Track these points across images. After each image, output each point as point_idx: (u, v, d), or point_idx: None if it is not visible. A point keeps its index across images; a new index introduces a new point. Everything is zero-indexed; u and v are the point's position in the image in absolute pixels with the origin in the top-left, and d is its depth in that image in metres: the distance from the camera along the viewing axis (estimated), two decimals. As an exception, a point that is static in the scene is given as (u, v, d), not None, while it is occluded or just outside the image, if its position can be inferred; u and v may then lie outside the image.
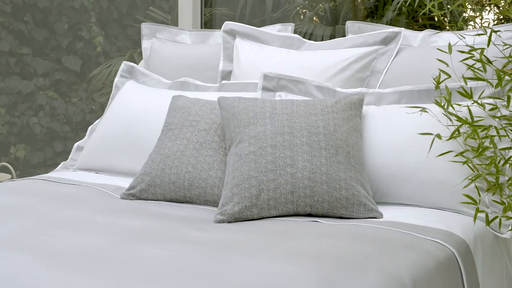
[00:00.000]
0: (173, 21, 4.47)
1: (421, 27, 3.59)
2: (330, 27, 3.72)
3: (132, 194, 2.27)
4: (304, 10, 4.06)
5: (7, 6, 5.09)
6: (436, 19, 3.50)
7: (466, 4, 1.92)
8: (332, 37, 3.63)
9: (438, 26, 3.55)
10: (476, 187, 2.02)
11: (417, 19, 3.57)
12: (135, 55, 4.37)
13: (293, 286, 1.38)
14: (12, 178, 3.41)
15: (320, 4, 3.94)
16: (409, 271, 1.59)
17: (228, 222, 1.98)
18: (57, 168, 2.89)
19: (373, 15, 3.74)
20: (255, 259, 1.54)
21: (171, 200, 2.25)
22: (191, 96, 2.60)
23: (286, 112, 2.13)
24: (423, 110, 2.00)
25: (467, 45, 1.91)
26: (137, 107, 2.73)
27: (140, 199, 2.27)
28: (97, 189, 2.39)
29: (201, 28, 3.75)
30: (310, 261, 1.53)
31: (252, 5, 3.96)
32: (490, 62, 1.89)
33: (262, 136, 2.07)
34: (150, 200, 2.27)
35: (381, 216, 2.04)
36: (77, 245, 1.69)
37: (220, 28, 3.01)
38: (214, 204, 2.17)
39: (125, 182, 2.53)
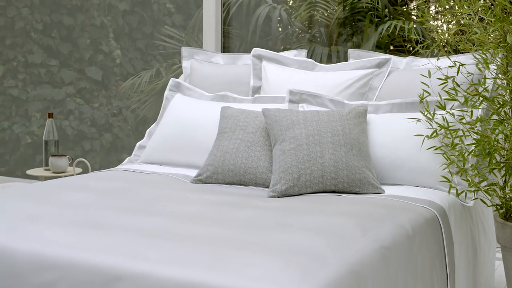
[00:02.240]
0: (188, 39, 5.03)
1: (398, 46, 4.37)
2: (327, 47, 4.41)
3: (199, 180, 2.95)
4: (301, 33, 4.76)
5: (39, 24, 5.51)
6: (412, 40, 4.30)
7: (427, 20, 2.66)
8: (329, 56, 4.32)
9: (413, 48, 4.33)
10: (449, 171, 2.67)
11: (395, 42, 4.36)
12: (162, 69, 4.89)
13: (344, 228, 2.09)
14: (82, 172, 3.92)
15: (316, 27, 4.65)
16: (409, 223, 2.30)
17: (278, 197, 2.67)
18: (124, 162, 3.47)
19: (345, 24, 4.44)
20: (312, 216, 2.26)
21: (229, 183, 2.90)
22: (232, 107, 3.32)
23: (314, 119, 2.85)
24: (418, 120, 2.79)
25: (443, 74, 2.70)
26: (188, 114, 3.32)
27: (206, 183, 2.92)
28: (171, 176, 3.02)
29: (221, 47, 4.44)
30: (348, 216, 2.24)
31: (261, 27, 4.67)
32: (458, 85, 2.70)
33: (298, 137, 2.80)
34: (214, 183, 2.91)
35: (383, 192, 2.72)
36: (187, 211, 2.32)
37: (235, 44, 3.62)
38: (263, 185, 2.85)
39: (188, 172, 3.17)
